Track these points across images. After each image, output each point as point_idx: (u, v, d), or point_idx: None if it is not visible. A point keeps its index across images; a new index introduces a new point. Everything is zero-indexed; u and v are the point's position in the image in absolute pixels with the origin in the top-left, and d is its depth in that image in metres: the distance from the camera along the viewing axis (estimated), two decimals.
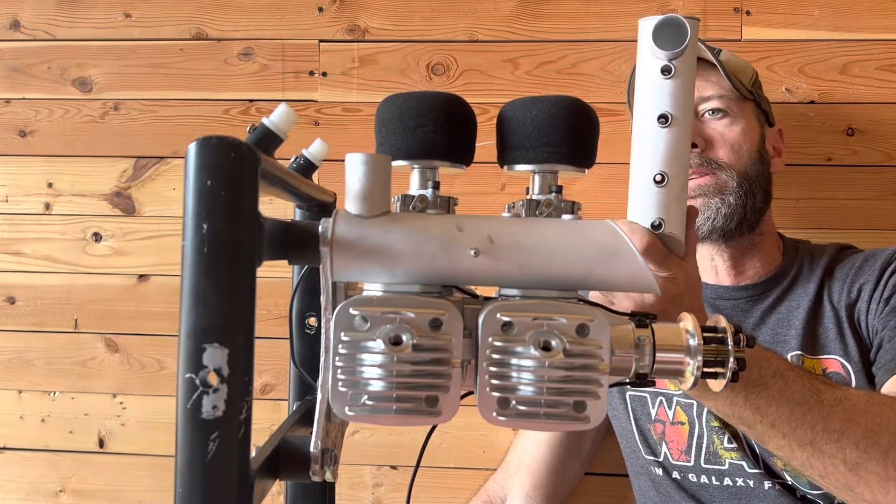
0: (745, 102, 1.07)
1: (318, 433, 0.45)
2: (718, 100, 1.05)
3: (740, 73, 1.07)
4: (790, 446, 0.75)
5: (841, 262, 1.05)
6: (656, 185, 0.69)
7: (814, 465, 0.76)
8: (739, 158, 1.04)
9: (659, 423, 1.08)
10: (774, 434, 0.75)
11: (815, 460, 0.75)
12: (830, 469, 0.75)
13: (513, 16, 1.31)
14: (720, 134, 1.05)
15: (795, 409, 0.75)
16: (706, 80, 1.05)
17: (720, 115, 1.05)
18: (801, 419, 0.75)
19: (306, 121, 1.34)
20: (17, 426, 1.38)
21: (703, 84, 1.05)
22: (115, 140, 1.37)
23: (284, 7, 1.35)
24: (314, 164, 0.63)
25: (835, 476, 0.75)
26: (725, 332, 0.48)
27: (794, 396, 0.75)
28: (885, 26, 1.25)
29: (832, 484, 0.77)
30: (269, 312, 1.32)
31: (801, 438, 0.75)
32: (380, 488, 1.33)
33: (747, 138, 1.05)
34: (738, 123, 1.05)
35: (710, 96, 1.05)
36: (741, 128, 1.05)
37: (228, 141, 0.38)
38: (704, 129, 1.05)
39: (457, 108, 0.51)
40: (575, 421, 0.44)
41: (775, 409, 0.74)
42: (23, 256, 1.38)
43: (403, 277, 0.46)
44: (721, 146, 1.04)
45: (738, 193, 1.02)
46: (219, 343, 0.37)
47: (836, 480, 0.76)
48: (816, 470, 0.76)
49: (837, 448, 0.74)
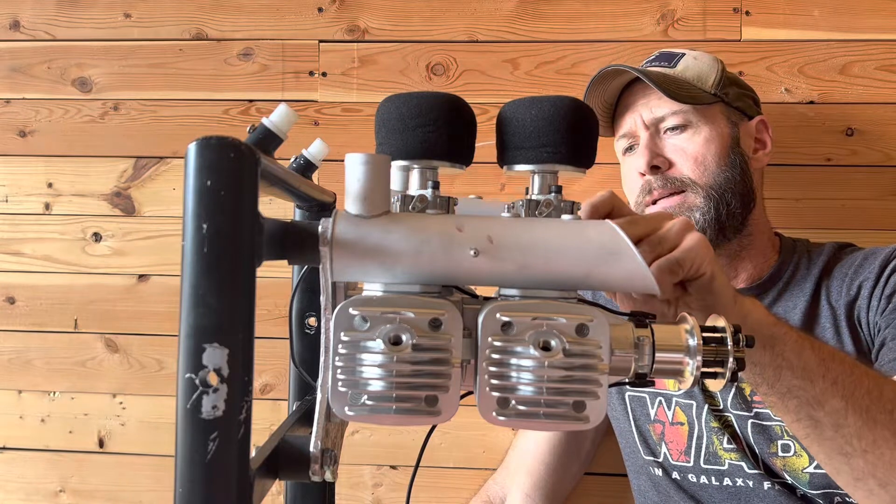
0: (708, 108, 1.05)
1: (318, 433, 0.45)
2: (673, 116, 1.04)
3: (702, 78, 1.06)
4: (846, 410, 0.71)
5: (840, 261, 1.04)
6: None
7: (864, 435, 0.72)
8: (705, 170, 1.03)
9: (658, 424, 1.08)
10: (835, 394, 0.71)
11: (867, 430, 0.72)
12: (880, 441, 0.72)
13: (513, 16, 1.31)
14: (681, 149, 1.04)
15: (853, 370, 0.73)
16: (659, 96, 1.03)
17: (679, 130, 1.05)
18: (859, 381, 0.72)
19: (306, 121, 1.34)
20: (17, 426, 1.38)
21: (657, 102, 1.05)
22: (115, 140, 1.37)
23: (284, 7, 1.35)
24: (314, 164, 0.63)
25: (881, 451, 0.72)
26: (725, 332, 0.48)
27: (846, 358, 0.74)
28: (884, 26, 1.25)
29: (874, 460, 0.73)
30: (269, 312, 1.32)
31: (859, 402, 0.71)
32: (380, 488, 1.33)
33: (712, 146, 1.04)
34: (700, 133, 1.04)
35: (664, 115, 1.05)
36: (703, 137, 1.04)
37: (228, 141, 0.38)
38: (664, 148, 1.05)
39: (457, 108, 0.51)
40: (574, 421, 0.45)
41: (838, 365, 0.72)
42: (22, 256, 1.38)
43: (403, 277, 0.46)
44: (683, 162, 1.03)
45: (704, 208, 1.02)
46: (219, 343, 0.37)
47: (881, 457, 0.72)
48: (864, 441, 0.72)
49: (890, 419, 0.72)
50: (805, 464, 0.98)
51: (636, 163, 1.07)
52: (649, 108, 1.06)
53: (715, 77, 1.08)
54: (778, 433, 0.99)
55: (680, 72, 1.06)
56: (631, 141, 1.10)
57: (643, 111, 1.07)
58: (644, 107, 1.07)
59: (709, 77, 1.07)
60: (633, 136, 1.09)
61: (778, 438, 0.99)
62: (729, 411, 1.03)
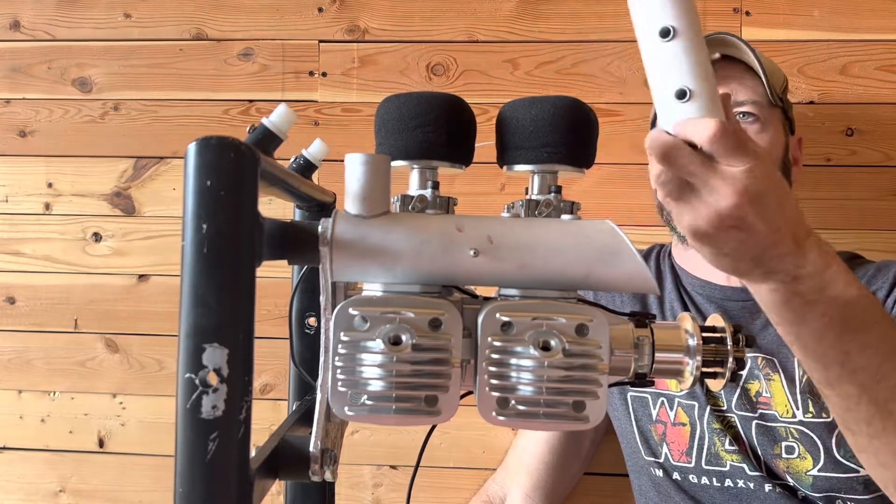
0: (774, 109, 1.05)
1: (318, 433, 0.45)
2: (752, 105, 1.02)
3: (775, 77, 1.05)
4: (860, 397, 0.68)
5: (852, 271, 1.04)
6: (679, 101, 0.57)
7: (873, 423, 0.69)
8: None
9: (660, 424, 1.08)
10: (851, 382, 0.68)
11: (878, 419, 0.69)
12: (889, 431, 0.69)
13: (512, 16, 1.31)
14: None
15: (886, 362, 0.68)
16: (742, 83, 1.03)
17: (751, 119, 1.02)
18: (886, 375, 0.68)
19: (306, 121, 1.34)
20: (17, 426, 1.38)
21: (739, 87, 1.03)
22: (115, 140, 1.37)
23: (284, 7, 1.35)
24: (314, 164, 0.63)
25: (889, 439, 0.69)
26: (725, 332, 0.48)
27: (889, 350, 0.68)
28: (884, 26, 1.25)
29: (878, 445, 0.71)
30: (269, 312, 1.32)
31: (876, 395, 0.68)
32: (379, 488, 1.33)
33: (774, 149, 1.03)
34: (767, 132, 1.03)
35: (744, 101, 1.02)
36: (769, 137, 1.03)
37: (228, 141, 0.38)
38: None
39: (456, 108, 0.51)
40: (574, 420, 0.45)
41: (866, 358, 0.67)
42: (22, 256, 1.38)
43: (403, 277, 0.46)
44: None
45: None
46: (219, 343, 0.37)
47: (888, 444, 0.70)
48: (873, 428, 0.70)
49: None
50: (808, 466, 0.98)
51: None
52: (730, 89, 1.03)
53: (782, 81, 1.07)
54: (782, 434, 0.99)
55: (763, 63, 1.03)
56: None
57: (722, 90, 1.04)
58: (724, 87, 1.03)
59: (779, 79, 1.06)
60: None
61: (782, 440, 0.99)
62: (733, 412, 1.03)
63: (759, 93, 1.03)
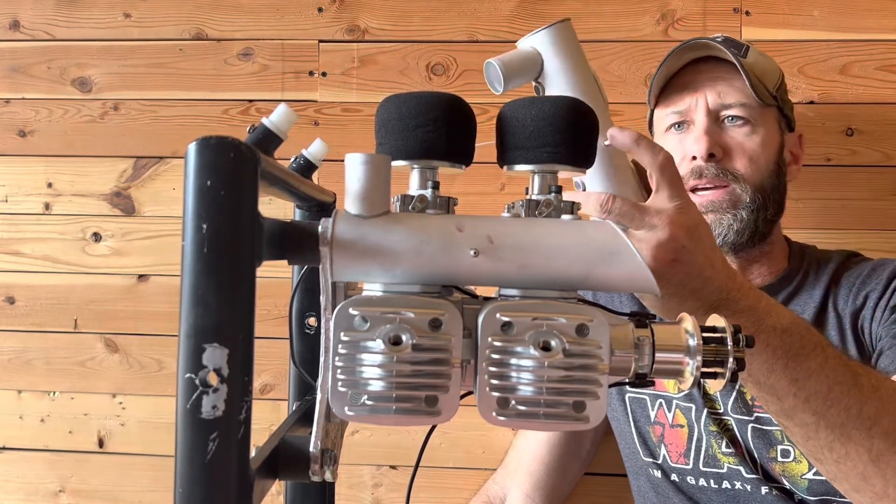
0: (767, 109, 1.03)
1: (318, 433, 0.45)
2: (740, 108, 1.01)
3: (766, 76, 1.03)
4: (817, 425, 0.71)
5: (848, 270, 1.03)
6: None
7: (835, 448, 0.71)
8: (756, 171, 1.01)
9: (658, 426, 1.08)
10: (805, 410, 0.70)
11: (839, 444, 0.71)
12: (852, 455, 0.71)
13: (513, 16, 1.31)
14: (739, 143, 1.01)
15: (834, 387, 0.70)
16: (730, 84, 1.01)
17: (740, 122, 1.02)
18: (836, 399, 0.70)
19: (306, 121, 1.34)
20: (17, 426, 1.38)
21: (727, 90, 1.02)
22: (115, 140, 1.37)
23: (284, 7, 1.35)
24: (314, 164, 0.63)
25: (853, 463, 0.71)
26: (725, 332, 0.48)
27: (833, 374, 0.70)
28: (884, 26, 1.25)
29: (846, 470, 0.72)
30: (269, 312, 1.32)
31: (831, 420, 0.70)
32: (379, 488, 1.33)
33: (766, 149, 1.02)
34: (758, 133, 1.02)
35: (732, 104, 1.01)
36: (761, 138, 1.02)
37: (228, 141, 0.38)
38: (723, 137, 1.02)
39: (457, 108, 0.51)
40: (574, 421, 0.44)
41: (814, 384, 0.70)
42: (22, 256, 1.38)
43: (403, 277, 0.46)
44: (739, 157, 1.01)
45: (750, 208, 1.00)
46: (219, 343, 0.37)
47: (853, 468, 0.72)
48: (835, 454, 0.72)
49: (867, 436, 0.70)
50: (804, 470, 0.98)
51: (689, 146, 1.02)
52: (717, 92, 1.02)
53: (777, 79, 1.06)
54: (778, 438, 0.99)
55: (749, 63, 1.02)
56: (682, 118, 1.05)
57: (709, 94, 1.02)
58: (711, 90, 1.02)
59: (772, 77, 1.05)
60: (688, 116, 1.04)
61: (778, 443, 0.99)
62: (729, 415, 1.03)
63: (747, 94, 1.01)
